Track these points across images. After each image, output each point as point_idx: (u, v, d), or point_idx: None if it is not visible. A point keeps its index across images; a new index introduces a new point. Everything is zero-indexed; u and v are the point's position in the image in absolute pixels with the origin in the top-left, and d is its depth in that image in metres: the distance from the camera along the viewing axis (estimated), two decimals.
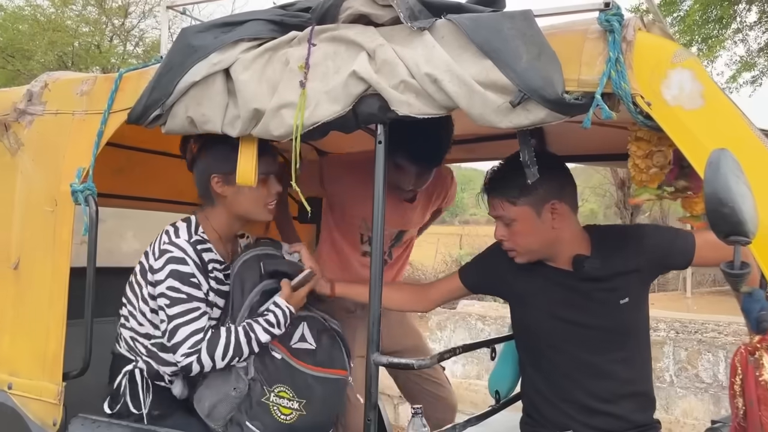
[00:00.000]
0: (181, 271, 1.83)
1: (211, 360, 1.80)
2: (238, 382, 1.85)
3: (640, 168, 1.40)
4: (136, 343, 1.95)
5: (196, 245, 1.88)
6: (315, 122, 1.61)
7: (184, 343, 1.79)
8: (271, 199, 1.97)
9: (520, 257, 1.86)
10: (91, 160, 1.92)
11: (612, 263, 1.82)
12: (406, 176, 2.23)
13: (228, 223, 1.99)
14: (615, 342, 1.83)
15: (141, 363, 1.93)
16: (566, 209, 1.81)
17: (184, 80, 1.74)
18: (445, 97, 1.48)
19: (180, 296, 1.81)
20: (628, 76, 1.32)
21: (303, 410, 1.86)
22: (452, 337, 5.76)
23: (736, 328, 4.67)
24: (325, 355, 1.94)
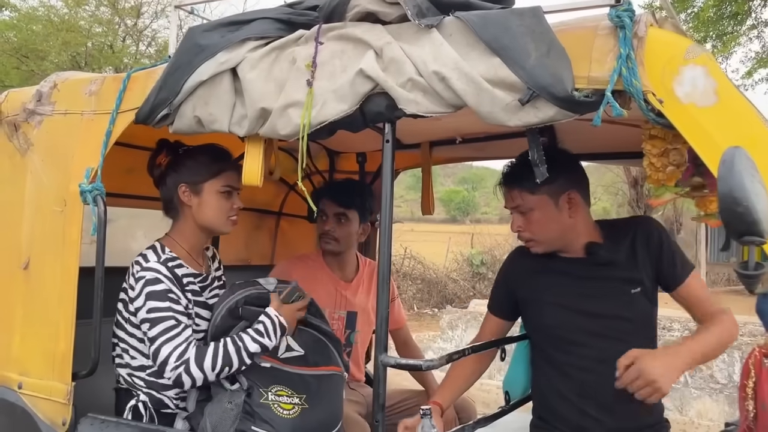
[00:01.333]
0: (157, 290, 1.85)
1: (200, 371, 1.80)
2: (232, 397, 1.85)
3: (657, 167, 1.38)
4: (133, 378, 1.97)
5: (167, 263, 1.91)
6: (322, 121, 1.60)
7: (170, 358, 1.80)
8: (233, 213, 2.03)
9: (538, 247, 1.90)
10: (99, 160, 1.92)
11: (623, 249, 1.87)
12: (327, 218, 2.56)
13: (193, 236, 2.03)
14: (629, 333, 1.84)
15: (143, 396, 1.95)
16: (581, 199, 1.87)
17: (191, 79, 1.74)
18: (453, 95, 1.46)
19: (160, 315, 1.83)
20: (639, 73, 1.30)
21: (305, 404, 1.87)
22: (464, 336, 5.74)
23: (752, 329, 4.61)
24: (317, 356, 1.97)
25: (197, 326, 1.96)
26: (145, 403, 1.94)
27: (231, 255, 3.14)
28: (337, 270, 2.65)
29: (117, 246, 2.10)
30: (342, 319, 2.61)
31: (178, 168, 2.01)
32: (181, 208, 2.01)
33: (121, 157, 2.30)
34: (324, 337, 2.03)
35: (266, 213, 3.31)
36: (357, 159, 3.15)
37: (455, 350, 1.73)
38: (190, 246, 2.03)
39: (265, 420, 1.83)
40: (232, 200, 2.02)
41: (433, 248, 14.48)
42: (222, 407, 1.84)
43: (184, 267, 1.97)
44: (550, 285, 1.90)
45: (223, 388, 1.88)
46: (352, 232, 2.62)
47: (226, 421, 1.82)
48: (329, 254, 2.64)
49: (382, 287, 1.59)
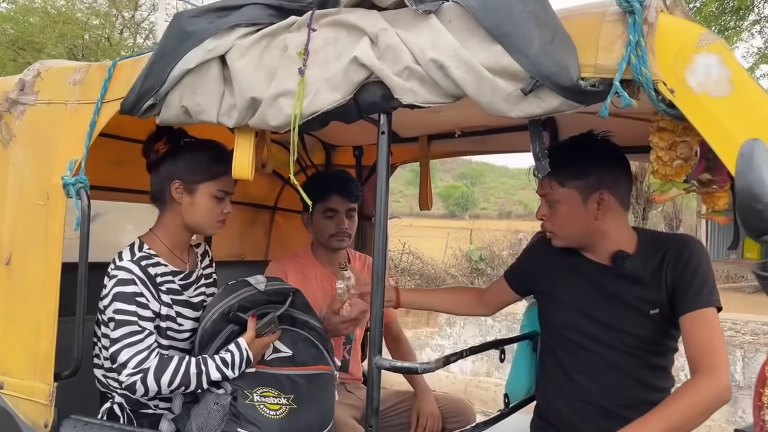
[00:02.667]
0: (126, 292, 1.78)
1: (156, 384, 1.75)
2: (218, 398, 1.79)
3: (664, 161, 1.30)
4: (108, 379, 1.91)
5: (140, 262, 1.84)
6: (314, 111, 1.52)
7: (128, 363, 1.74)
8: (223, 217, 1.97)
9: (557, 240, 1.82)
10: (83, 151, 1.84)
11: (651, 266, 1.73)
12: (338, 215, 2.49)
13: (177, 233, 1.96)
14: (640, 349, 1.75)
15: (118, 398, 1.89)
16: (614, 203, 1.75)
17: (177, 68, 1.66)
18: (451, 85, 1.38)
19: (125, 318, 1.77)
20: (649, 61, 1.22)
21: (293, 404, 1.80)
22: (462, 334, 5.68)
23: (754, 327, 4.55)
24: (305, 356, 1.89)
25: (179, 326, 1.89)
26: (121, 405, 1.88)
27: (225, 250, 3.07)
28: (329, 266, 2.59)
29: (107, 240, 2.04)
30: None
31: (176, 160, 1.92)
32: (170, 203, 1.93)
33: (111, 149, 2.23)
34: (312, 334, 1.96)
35: (261, 207, 3.24)
36: (353, 152, 3.09)
37: (452, 352, 1.67)
38: (172, 243, 1.96)
39: (251, 421, 1.76)
40: (223, 205, 1.95)
41: (432, 244, 14.41)
42: (207, 409, 1.77)
43: (162, 265, 1.89)
44: (569, 284, 1.83)
45: (209, 391, 1.81)
46: (356, 226, 2.58)
47: (212, 423, 1.75)
48: (322, 250, 2.58)
49: (376, 287, 1.52)
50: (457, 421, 2.43)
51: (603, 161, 1.74)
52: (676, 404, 1.53)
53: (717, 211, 1.53)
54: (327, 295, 2.48)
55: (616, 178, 1.76)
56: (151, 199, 2.00)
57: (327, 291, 2.51)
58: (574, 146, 1.75)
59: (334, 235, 2.51)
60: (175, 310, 1.88)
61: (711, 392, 1.52)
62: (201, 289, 2.00)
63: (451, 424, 2.43)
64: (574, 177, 1.73)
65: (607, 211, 1.74)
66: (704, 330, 1.61)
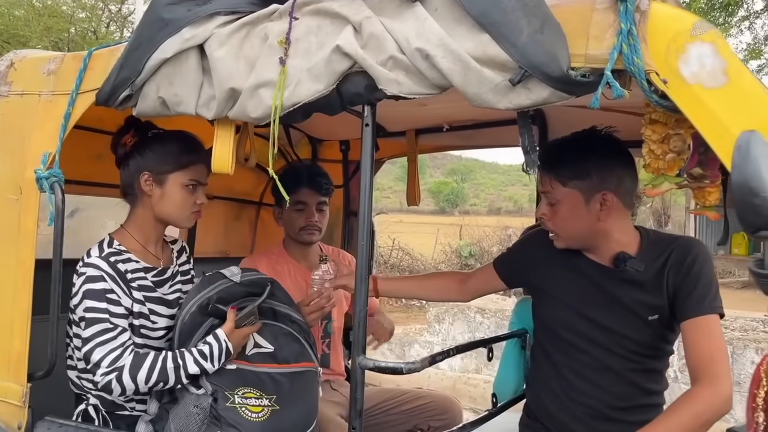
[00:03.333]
0: (96, 289, 1.73)
1: (132, 382, 1.69)
2: (198, 401, 1.73)
3: (656, 154, 1.26)
4: (81, 380, 1.85)
5: (109, 258, 1.78)
6: (296, 102, 1.47)
7: (101, 363, 1.69)
8: (197, 208, 1.92)
9: (560, 242, 1.75)
10: (57, 144, 1.78)
11: (653, 269, 1.67)
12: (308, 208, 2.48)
13: (150, 227, 1.91)
14: (635, 353, 1.70)
15: (93, 399, 1.83)
16: (618, 203, 1.68)
17: (154, 57, 1.60)
18: (437, 75, 1.33)
19: (96, 316, 1.72)
20: (641, 51, 1.17)
21: (275, 405, 1.76)
22: (450, 330, 5.64)
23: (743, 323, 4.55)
24: (287, 352, 1.85)
25: (153, 324, 1.84)
26: (96, 407, 1.82)
27: (209, 246, 3.01)
28: (302, 261, 2.56)
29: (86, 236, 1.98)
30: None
31: (143, 152, 1.87)
32: (141, 196, 1.89)
33: (90, 143, 2.16)
34: (294, 328, 1.91)
35: (246, 203, 3.19)
36: (340, 147, 3.04)
37: (439, 351, 1.62)
38: (144, 238, 1.91)
39: (231, 424, 1.70)
40: (197, 195, 1.90)
41: (422, 240, 14.38)
42: (187, 411, 1.72)
43: (133, 261, 1.84)
44: (566, 281, 1.77)
45: (188, 392, 1.76)
46: (327, 221, 2.57)
47: (192, 426, 1.70)
48: (294, 246, 2.56)
49: (360, 285, 1.47)
50: (443, 419, 2.39)
51: (606, 160, 1.66)
52: (678, 415, 1.47)
53: (708, 207, 1.50)
54: (301, 291, 2.44)
55: (619, 177, 1.68)
56: (122, 194, 1.96)
57: (301, 287, 2.47)
58: (575, 144, 1.67)
59: (303, 228, 2.49)
60: (147, 308, 1.83)
61: (712, 403, 1.47)
62: (177, 286, 1.95)
63: (438, 421, 2.39)
64: (576, 177, 1.65)
65: (611, 212, 1.67)
66: (706, 338, 1.55)
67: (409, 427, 2.42)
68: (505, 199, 52.25)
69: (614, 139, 1.73)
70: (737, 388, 4.33)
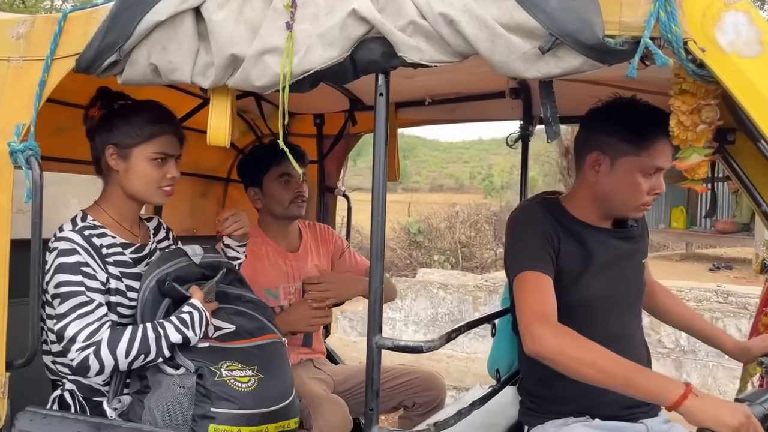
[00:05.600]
0: (69, 262, 1.65)
1: (112, 356, 1.60)
2: (182, 380, 1.66)
3: (686, 125, 1.25)
4: (56, 365, 1.76)
5: (83, 231, 1.70)
6: (306, 70, 1.39)
7: (77, 338, 1.60)
8: (166, 183, 1.81)
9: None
10: (32, 114, 1.64)
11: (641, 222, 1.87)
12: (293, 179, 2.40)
13: (123, 204, 1.83)
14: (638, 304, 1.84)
15: (68, 384, 1.74)
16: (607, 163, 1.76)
17: (146, 20, 1.48)
18: (461, 42, 1.28)
19: (71, 290, 1.63)
20: (679, 18, 1.15)
21: (260, 374, 1.72)
22: (413, 307, 5.65)
23: (698, 294, 4.73)
24: (249, 328, 1.83)
25: (130, 301, 1.75)
26: (73, 392, 1.73)
27: (175, 224, 2.85)
28: (282, 241, 2.49)
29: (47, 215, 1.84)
30: (299, 291, 2.44)
31: (108, 125, 1.78)
32: (109, 172, 1.80)
33: (50, 115, 2.01)
34: (249, 306, 1.89)
35: (213, 179, 3.06)
36: (314, 121, 2.94)
37: (453, 328, 1.59)
38: (119, 214, 1.82)
39: (223, 398, 1.64)
40: (166, 168, 1.80)
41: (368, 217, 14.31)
42: (172, 394, 1.64)
43: (109, 236, 1.76)
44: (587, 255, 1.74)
45: (166, 374, 1.68)
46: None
47: (181, 408, 1.62)
48: (275, 224, 2.48)
49: (375, 261, 1.42)
50: (428, 395, 2.39)
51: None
52: None
53: (696, 180, 1.50)
54: (280, 273, 2.42)
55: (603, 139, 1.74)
56: (96, 171, 1.86)
57: (280, 268, 2.43)
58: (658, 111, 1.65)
59: (293, 200, 2.42)
60: (125, 284, 1.74)
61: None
62: None
63: (422, 397, 2.39)
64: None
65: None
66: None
67: (394, 403, 2.42)
68: (447, 176, 52.75)
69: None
70: (692, 356, 4.51)
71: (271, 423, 1.70)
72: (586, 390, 1.55)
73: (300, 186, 2.43)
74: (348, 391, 2.38)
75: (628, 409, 1.73)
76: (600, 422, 1.69)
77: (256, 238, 2.43)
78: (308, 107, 2.92)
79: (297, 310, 2.31)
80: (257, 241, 2.42)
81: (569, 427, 1.68)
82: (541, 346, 1.50)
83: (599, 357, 1.45)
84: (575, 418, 1.72)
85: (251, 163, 2.51)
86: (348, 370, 2.53)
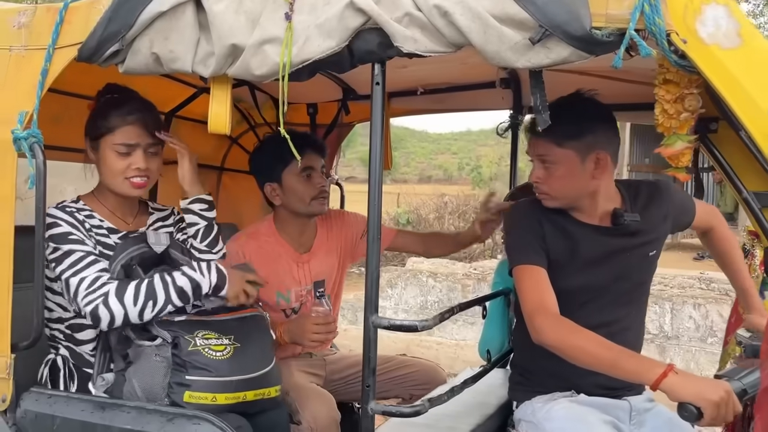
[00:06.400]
0: (55, 234, 1.73)
1: (120, 304, 1.66)
2: (158, 350, 1.71)
3: (669, 113, 1.31)
4: (51, 331, 1.82)
5: (65, 208, 1.78)
6: (305, 60, 1.44)
7: (80, 288, 1.68)
8: (132, 173, 1.81)
9: (551, 201, 1.80)
10: (35, 102, 1.67)
11: (648, 215, 1.82)
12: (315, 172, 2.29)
13: (110, 195, 1.87)
14: (638, 294, 1.85)
15: (62, 350, 1.80)
16: (609, 162, 1.77)
17: (148, 10, 1.52)
18: (455, 33, 1.33)
19: (63, 252, 1.71)
20: (662, 11, 1.21)
21: (236, 343, 1.76)
22: (403, 294, 5.72)
23: (681, 281, 4.82)
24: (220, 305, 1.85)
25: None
26: (65, 358, 1.79)
27: None
28: (297, 240, 2.38)
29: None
30: (310, 292, 2.37)
31: (91, 118, 1.86)
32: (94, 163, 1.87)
33: (46, 104, 2.04)
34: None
35: (207, 168, 3.09)
36: (308, 110, 2.97)
37: (446, 309, 1.65)
38: (111, 204, 1.88)
39: (198, 366, 1.68)
40: (131, 159, 1.80)
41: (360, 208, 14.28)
42: (149, 364, 1.68)
43: (96, 219, 1.82)
44: (578, 249, 1.81)
45: (145, 347, 1.72)
46: None
47: (157, 376, 1.67)
48: (293, 222, 2.36)
49: (372, 244, 1.47)
50: (426, 388, 2.28)
51: (597, 120, 1.74)
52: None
53: (679, 168, 1.57)
54: (293, 276, 2.33)
55: (609, 137, 1.77)
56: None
57: (292, 272, 2.34)
58: (566, 106, 1.72)
59: (316, 197, 2.29)
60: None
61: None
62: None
63: (420, 390, 2.30)
64: (571, 137, 1.71)
65: (604, 171, 1.75)
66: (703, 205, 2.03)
67: (391, 395, 2.38)
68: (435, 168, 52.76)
69: (599, 102, 1.80)
70: (676, 341, 4.61)
71: (249, 390, 1.73)
72: (573, 367, 1.63)
73: (323, 180, 2.31)
74: (342, 380, 2.38)
75: (612, 388, 1.80)
76: (585, 397, 1.77)
77: (270, 238, 2.34)
78: (301, 97, 2.95)
79: (299, 322, 2.20)
80: (270, 241, 2.34)
81: (555, 401, 1.76)
82: (543, 336, 1.64)
83: (589, 342, 1.57)
84: (561, 393, 1.79)
85: (269, 156, 2.33)
86: (344, 359, 2.50)
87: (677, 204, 1.91)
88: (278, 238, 2.35)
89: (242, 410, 1.72)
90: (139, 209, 1.96)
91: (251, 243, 2.29)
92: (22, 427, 1.69)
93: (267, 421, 1.81)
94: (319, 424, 1.98)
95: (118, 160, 1.80)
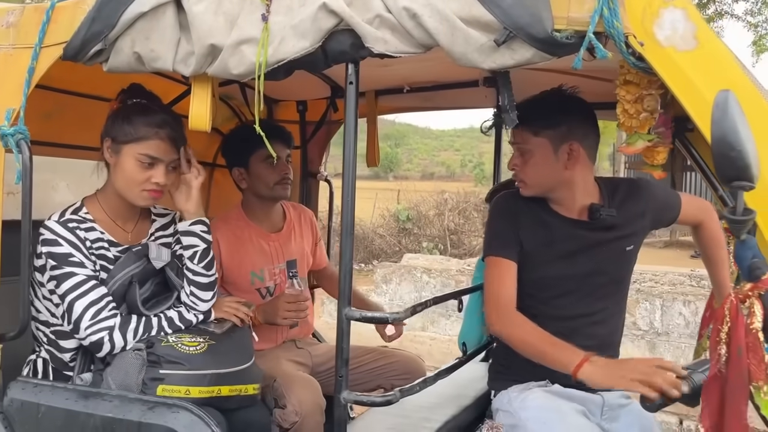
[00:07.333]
0: (56, 253, 1.73)
1: (123, 338, 1.73)
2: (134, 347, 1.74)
3: (630, 113, 1.35)
4: (38, 331, 1.85)
5: (67, 224, 1.76)
6: (280, 59, 1.48)
7: (84, 316, 1.70)
8: (150, 186, 1.80)
9: (527, 190, 1.87)
10: (22, 100, 1.72)
11: (624, 211, 1.87)
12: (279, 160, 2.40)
13: (115, 199, 1.86)
14: (614, 288, 1.89)
15: (43, 352, 1.83)
16: (583, 155, 1.83)
17: (129, 10, 1.57)
18: (424, 34, 1.37)
19: (64, 273, 1.72)
20: (620, 14, 1.25)
21: (211, 341, 1.79)
22: (398, 290, 5.76)
23: (672, 278, 4.85)
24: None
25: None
26: (46, 361, 1.82)
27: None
28: (265, 222, 2.52)
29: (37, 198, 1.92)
30: (283, 271, 2.48)
31: (114, 119, 1.83)
32: (107, 164, 1.86)
33: (38, 101, 2.09)
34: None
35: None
36: (297, 107, 3.02)
37: (418, 302, 1.70)
38: (112, 210, 1.87)
39: (171, 361, 1.70)
40: (152, 172, 1.78)
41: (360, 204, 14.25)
42: (125, 361, 1.71)
43: (96, 231, 1.82)
44: (553, 241, 1.87)
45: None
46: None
47: (131, 373, 1.69)
48: (259, 206, 2.50)
49: (345, 239, 1.52)
50: (407, 378, 2.34)
51: (573, 113, 1.81)
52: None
53: (655, 166, 1.61)
54: (264, 255, 2.45)
55: (585, 130, 1.83)
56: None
57: (264, 250, 2.46)
58: (545, 99, 1.82)
59: (278, 182, 2.44)
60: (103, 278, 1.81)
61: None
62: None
63: (401, 380, 2.37)
64: (546, 127, 1.79)
65: (577, 162, 1.81)
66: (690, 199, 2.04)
67: (372, 386, 2.44)
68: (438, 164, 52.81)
69: (579, 98, 1.87)
70: (666, 337, 4.65)
71: (224, 385, 1.75)
72: None
73: (286, 167, 2.45)
74: (328, 372, 2.42)
75: None
76: (559, 388, 1.81)
77: (239, 221, 2.47)
78: (291, 94, 3.00)
79: (272, 302, 2.33)
80: (240, 225, 2.46)
81: (530, 390, 1.81)
82: (492, 327, 1.79)
83: (527, 334, 1.70)
84: (536, 382, 1.84)
85: (238, 143, 2.49)
86: (329, 350, 2.56)
87: (659, 200, 1.95)
88: (247, 221, 2.49)
89: (218, 405, 1.73)
90: (141, 214, 1.95)
91: (222, 226, 2.40)
92: (9, 415, 1.74)
93: (244, 418, 1.84)
94: (304, 408, 2.04)
95: (139, 171, 1.78)
